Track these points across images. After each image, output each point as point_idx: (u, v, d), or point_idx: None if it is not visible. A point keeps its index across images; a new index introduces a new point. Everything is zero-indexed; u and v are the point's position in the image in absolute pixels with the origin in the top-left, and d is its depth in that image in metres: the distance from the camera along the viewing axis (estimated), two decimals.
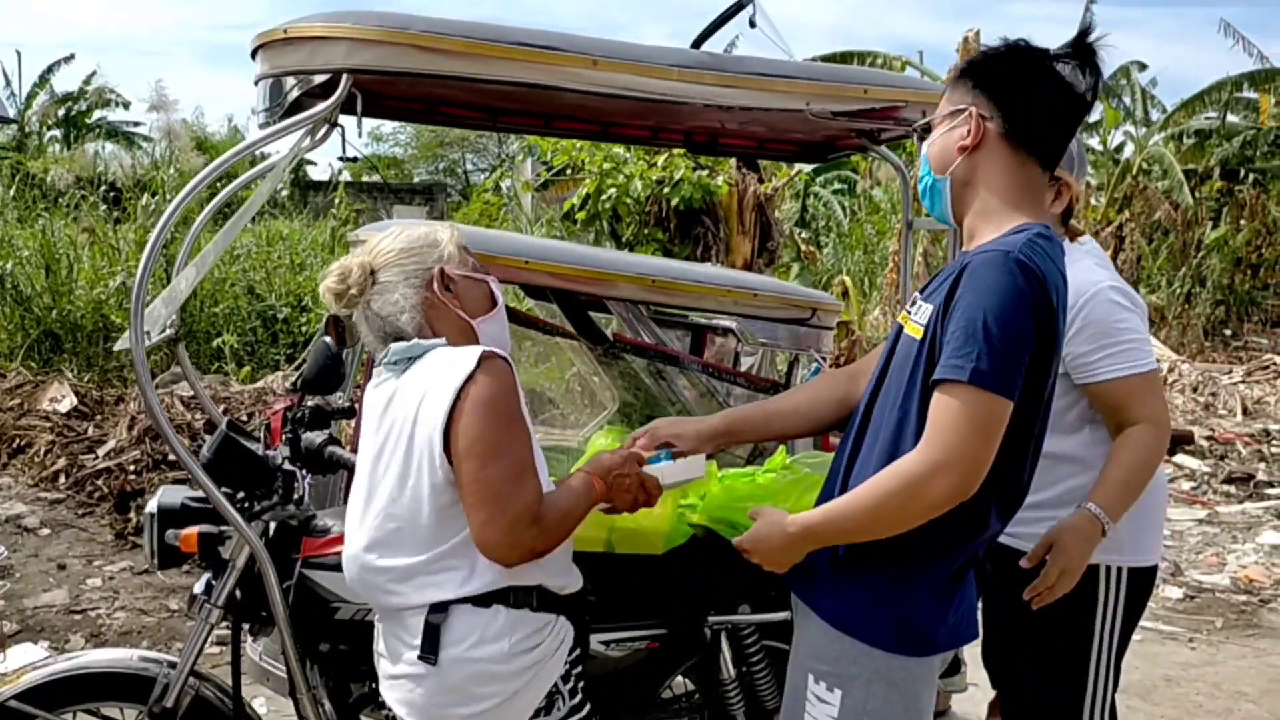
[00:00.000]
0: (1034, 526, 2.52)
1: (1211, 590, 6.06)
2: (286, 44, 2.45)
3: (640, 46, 2.59)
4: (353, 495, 2.20)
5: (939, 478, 1.81)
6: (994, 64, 1.99)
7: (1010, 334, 1.79)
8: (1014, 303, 1.80)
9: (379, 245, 2.22)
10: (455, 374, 2.02)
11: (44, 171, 14.68)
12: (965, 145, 1.97)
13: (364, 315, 2.21)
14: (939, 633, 1.99)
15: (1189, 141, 19.25)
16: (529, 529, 2.02)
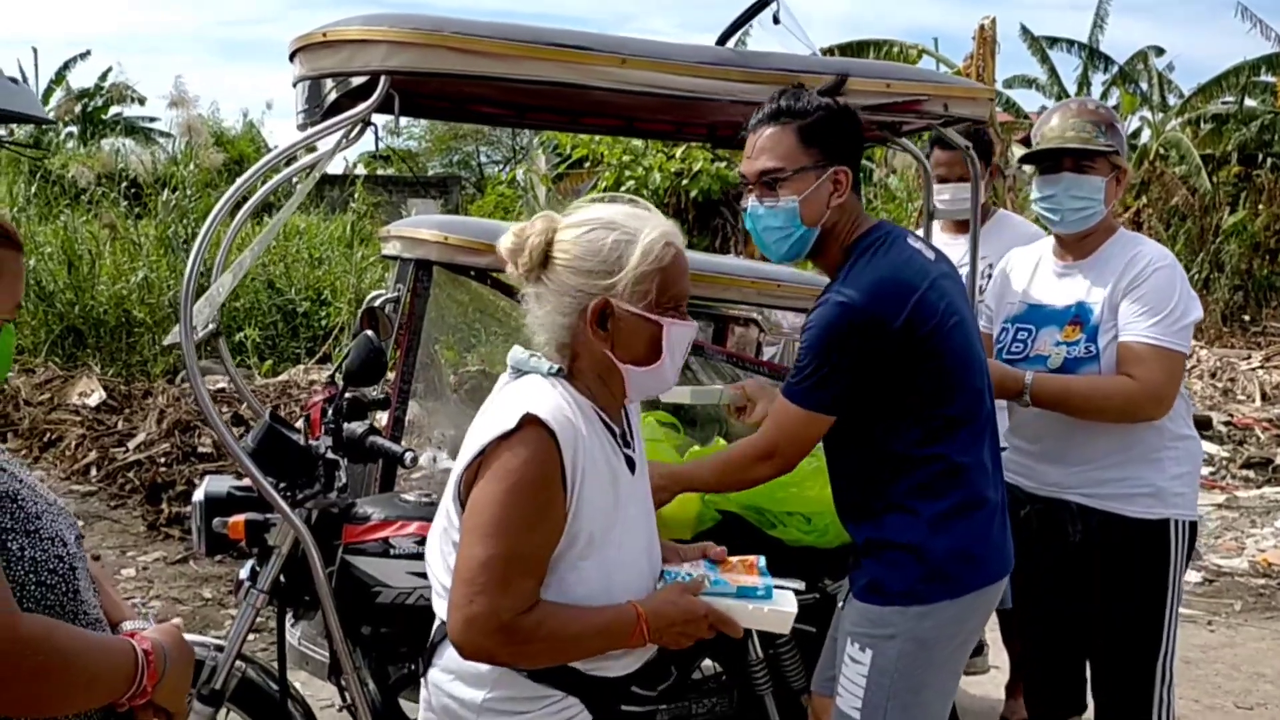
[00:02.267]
0: (1113, 487, 2.83)
1: (1230, 574, 6.11)
2: (325, 47, 2.52)
3: (667, 44, 2.65)
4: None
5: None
6: (834, 124, 2.31)
7: (822, 359, 2.25)
8: (823, 337, 2.25)
9: (564, 233, 1.85)
10: (498, 424, 1.75)
11: (62, 168, 14.79)
12: (839, 202, 2.32)
13: (529, 295, 1.89)
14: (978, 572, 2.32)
15: (1206, 126, 19.15)
16: (490, 636, 1.71)
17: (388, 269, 11.95)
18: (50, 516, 1.56)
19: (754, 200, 2.35)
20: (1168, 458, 2.84)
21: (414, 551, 2.70)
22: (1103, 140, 2.86)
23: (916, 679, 2.28)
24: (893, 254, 2.30)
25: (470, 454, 1.77)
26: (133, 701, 1.54)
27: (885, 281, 2.24)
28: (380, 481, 3.43)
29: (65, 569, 1.53)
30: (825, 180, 2.29)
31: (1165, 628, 2.86)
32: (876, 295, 2.22)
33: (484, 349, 9.44)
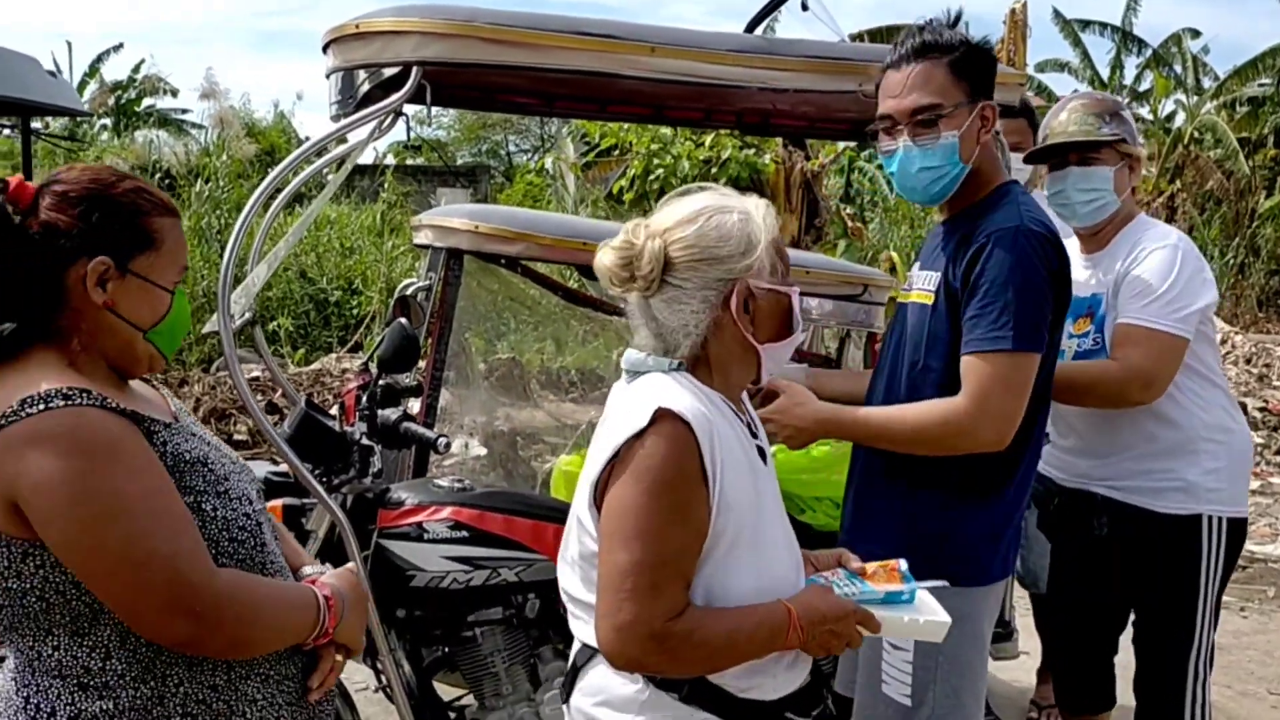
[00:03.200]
0: (1141, 480, 2.80)
1: (1264, 560, 6.07)
2: (357, 38, 2.56)
3: (696, 32, 2.67)
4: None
5: (977, 427, 2.12)
6: (978, 58, 2.23)
7: (1033, 298, 2.11)
8: (1031, 270, 2.11)
9: (675, 231, 1.73)
10: (629, 424, 1.66)
11: (96, 160, 14.98)
12: (988, 138, 2.24)
13: (639, 305, 1.75)
14: (994, 564, 2.27)
15: (1242, 109, 18.93)
16: (642, 644, 1.62)
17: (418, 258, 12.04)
18: (237, 476, 1.68)
19: (905, 140, 2.23)
20: (1203, 450, 2.78)
21: (447, 536, 2.74)
22: (1107, 130, 2.85)
23: (962, 659, 2.25)
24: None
25: (602, 458, 1.67)
26: (316, 641, 1.68)
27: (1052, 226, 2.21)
28: (413, 467, 3.48)
29: (253, 525, 1.66)
30: (976, 115, 2.22)
31: (1199, 624, 2.81)
32: (1054, 232, 2.19)
33: (514, 337, 9.49)
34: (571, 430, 5.66)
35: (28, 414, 1.45)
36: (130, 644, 1.53)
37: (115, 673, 1.52)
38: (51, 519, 1.45)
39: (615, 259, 1.72)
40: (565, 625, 1.91)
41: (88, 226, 1.56)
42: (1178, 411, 2.79)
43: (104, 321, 1.58)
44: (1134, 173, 2.89)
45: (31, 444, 1.44)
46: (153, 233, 1.61)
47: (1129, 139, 2.88)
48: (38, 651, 1.53)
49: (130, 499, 1.46)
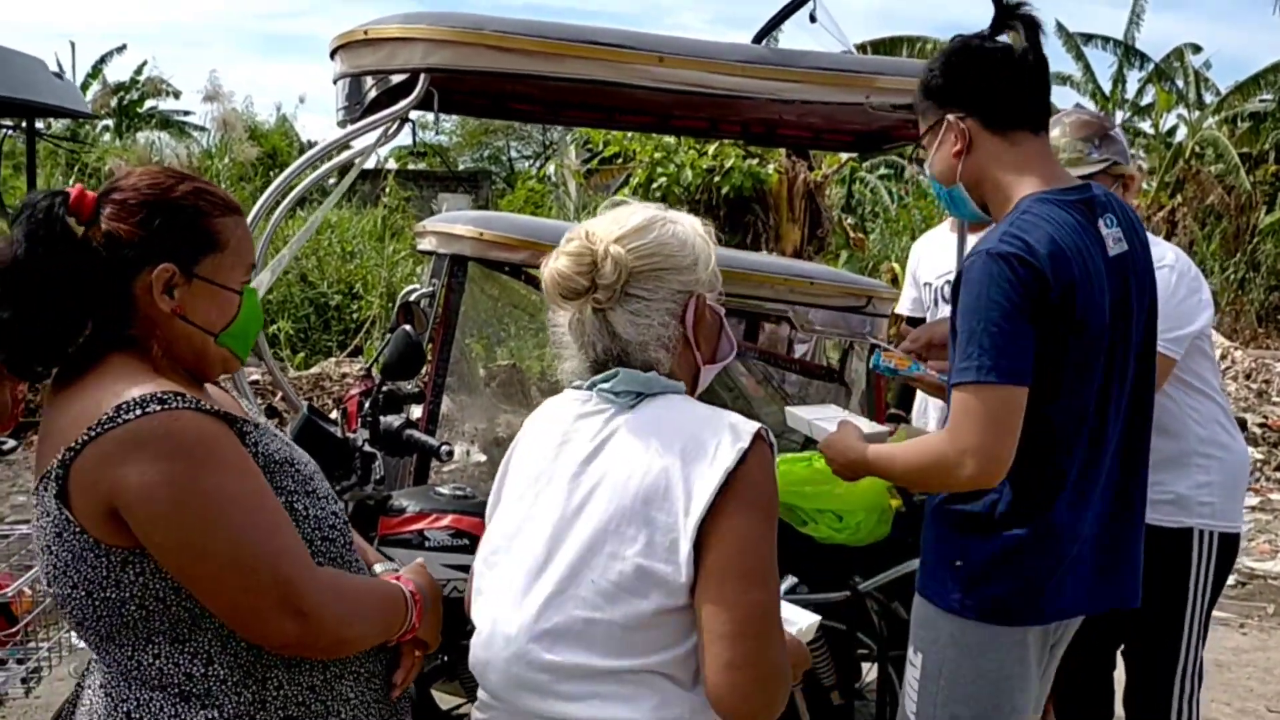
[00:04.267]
0: None
1: (1264, 577, 6.06)
2: (365, 45, 2.56)
3: (705, 43, 2.67)
4: (501, 542, 1.68)
5: (962, 464, 1.94)
6: (944, 73, 2.11)
7: (999, 325, 1.92)
8: (994, 297, 1.93)
9: (632, 239, 1.61)
10: (724, 451, 1.52)
11: (98, 161, 14.98)
12: (959, 150, 2.09)
13: (589, 320, 1.62)
14: (1014, 603, 2.05)
15: (1243, 125, 18.96)
16: (781, 690, 1.54)
17: (419, 263, 12.05)
18: (318, 476, 1.65)
19: None
20: (1195, 465, 2.80)
21: (449, 544, 2.72)
22: (1096, 155, 2.85)
23: (964, 690, 2.09)
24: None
25: (705, 497, 1.50)
26: (401, 638, 1.65)
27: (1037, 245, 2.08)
28: (414, 474, 3.47)
29: (340, 523, 1.64)
30: (944, 134, 2.10)
31: (1184, 639, 2.81)
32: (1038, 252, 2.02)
33: (513, 344, 9.49)
34: None
35: (124, 420, 1.42)
36: (231, 648, 1.49)
37: (217, 678, 1.49)
38: (156, 524, 1.42)
39: (573, 266, 1.59)
40: None
41: (150, 234, 1.52)
42: (1172, 425, 2.79)
43: (175, 328, 1.55)
44: (1128, 190, 2.89)
45: (131, 449, 1.41)
46: (216, 234, 1.57)
47: (1120, 159, 2.88)
48: (136, 661, 1.48)
49: (233, 500, 1.44)
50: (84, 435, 1.42)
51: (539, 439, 1.68)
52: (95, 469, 1.42)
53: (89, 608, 1.47)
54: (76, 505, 1.43)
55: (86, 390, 1.48)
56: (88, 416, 1.43)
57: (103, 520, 1.43)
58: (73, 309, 1.51)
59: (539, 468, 1.65)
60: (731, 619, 1.49)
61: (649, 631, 1.53)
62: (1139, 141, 19.68)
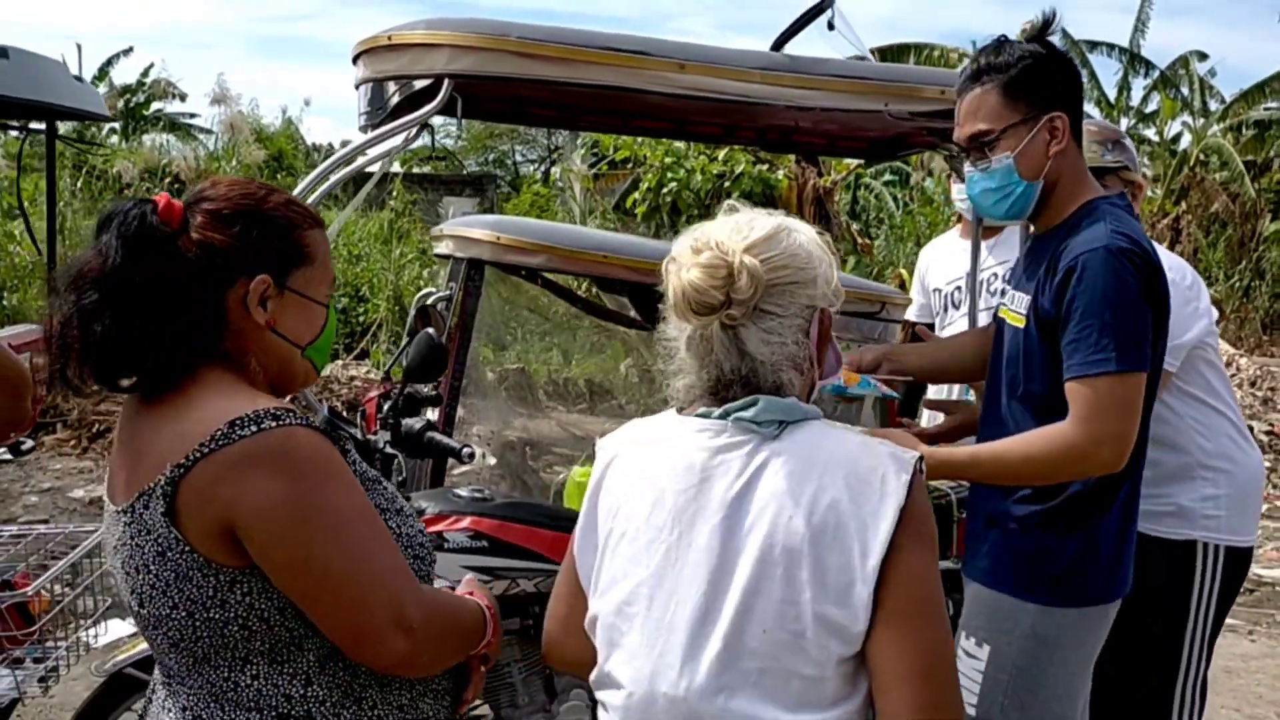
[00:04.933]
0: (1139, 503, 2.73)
1: (1272, 584, 6.07)
2: (389, 50, 2.59)
3: (724, 50, 2.70)
4: (638, 590, 1.51)
5: (1093, 452, 2.06)
6: (1050, 73, 2.20)
7: (1130, 317, 2.06)
8: (1125, 291, 2.06)
9: (761, 249, 1.49)
10: (891, 483, 1.43)
11: (105, 163, 15.02)
12: (1058, 150, 2.19)
13: (717, 337, 1.49)
14: (1104, 581, 2.21)
15: (1248, 133, 18.97)
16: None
17: (425, 266, 12.05)
18: (399, 496, 1.65)
19: (969, 166, 2.27)
20: (1201, 478, 2.79)
21: (467, 545, 2.75)
22: (1109, 157, 2.92)
23: (1036, 674, 2.18)
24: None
25: (880, 540, 1.40)
26: (476, 653, 1.65)
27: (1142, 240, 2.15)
28: (431, 476, 3.49)
29: (426, 540, 1.63)
30: (1040, 130, 2.19)
31: (1185, 653, 2.80)
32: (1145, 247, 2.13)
33: (520, 348, 9.51)
34: (583, 441, 5.67)
35: (239, 437, 1.39)
36: (330, 669, 1.48)
37: (316, 699, 1.47)
38: (276, 542, 1.40)
39: (707, 279, 1.45)
40: None
41: (244, 245, 1.50)
42: (1177, 438, 2.80)
43: (266, 341, 1.53)
44: (1136, 198, 2.93)
45: (249, 467, 1.39)
46: (306, 247, 1.56)
47: (1130, 166, 2.96)
48: (233, 683, 1.45)
49: (348, 518, 1.43)
50: (195, 452, 1.39)
51: (659, 473, 1.51)
52: (209, 486, 1.39)
53: (189, 628, 1.44)
54: (185, 523, 1.40)
55: (187, 405, 1.45)
56: (196, 433, 1.40)
57: (215, 539, 1.40)
58: (162, 318, 1.47)
59: (674, 506, 1.48)
60: (919, 660, 1.41)
61: (826, 683, 1.42)
62: (1144, 149, 19.69)
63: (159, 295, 1.46)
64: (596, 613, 1.56)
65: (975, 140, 2.22)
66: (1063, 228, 2.21)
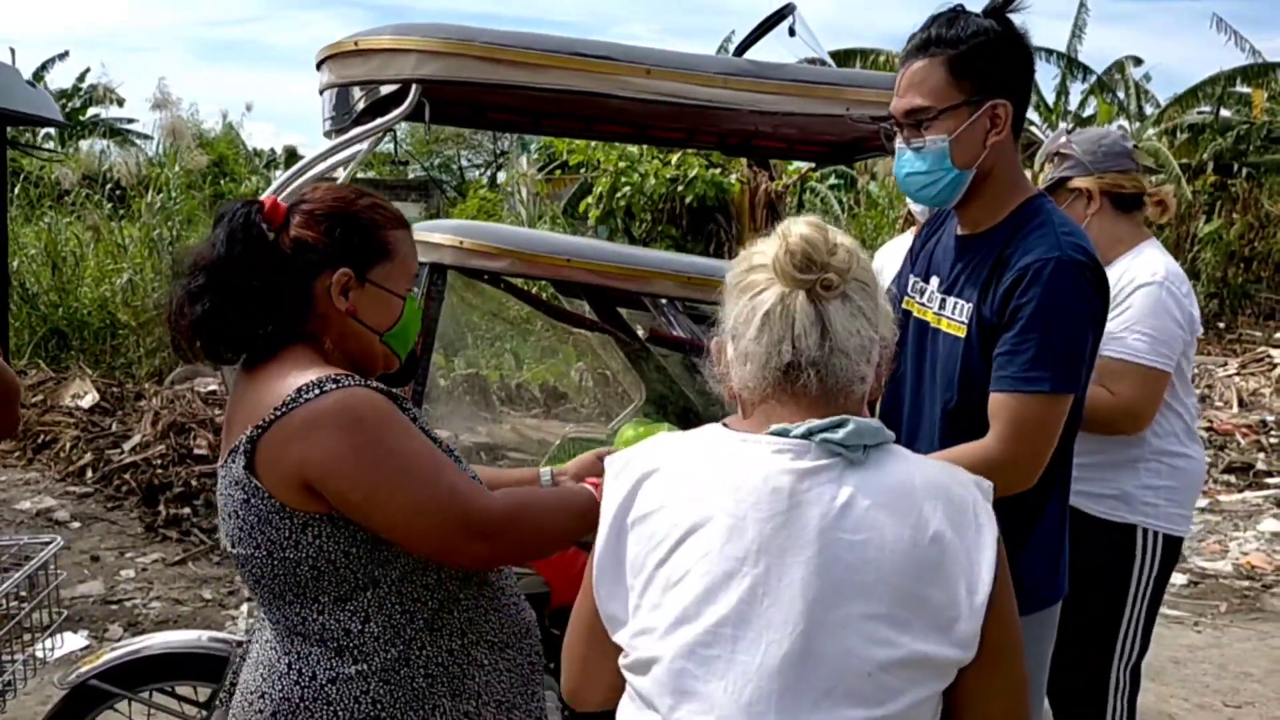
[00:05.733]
0: (1083, 485, 2.76)
1: (1215, 576, 6.23)
2: (355, 55, 2.58)
3: (690, 55, 2.73)
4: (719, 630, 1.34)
5: (1008, 471, 1.94)
6: (997, 57, 2.03)
7: (1073, 337, 1.98)
8: (1073, 308, 1.97)
9: (853, 245, 1.45)
10: (984, 515, 1.39)
11: (43, 169, 14.71)
12: (997, 140, 2.05)
13: (800, 307, 1.39)
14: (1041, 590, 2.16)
15: (1183, 136, 19.42)
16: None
17: None
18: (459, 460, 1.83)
19: (900, 142, 2.11)
20: (1144, 469, 2.88)
21: None
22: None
23: None
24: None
25: (989, 571, 1.35)
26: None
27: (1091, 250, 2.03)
28: None
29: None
30: (981, 116, 2.03)
31: (1121, 634, 2.89)
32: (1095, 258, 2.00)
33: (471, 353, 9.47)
34: (539, 445, 5.67)
35: (306, 399, 1.62)
36: (386, 609, 1.69)
37: (371, 635, 1.69)
38: (351, 487, 1.62)
39: (817, 234, 1.40)
40: (554, 638, 1.94)
41: (332, 241, 1.73)
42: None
43: (347, 326, 1.76)
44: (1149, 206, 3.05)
45: (316, 426, 1.62)
46: (388, 244, 1.78)
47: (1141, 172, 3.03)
48: (301, 617, 1.70)
49: (411, 454, 1.65)
50: (270, 415, 1.63)
51: (728, 497, 1.36)
52: (283, 444, 1.63)
53: (268, 566, 1.68)
54: (263, 474, 1.64)
55: (270, 376, 1.69)
56: (274, 399, 1.64)
57: (291, 488, 1.64)
58: (260, 303, 1.71)
59: (759, 535, 1.34)
60: (1007, 700, 1.39)
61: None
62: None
63: (255, 283, 1.70)
64: (655, 656, 1.37)
65: (912, 115, 2.06)
66: (1003, 228, 2.09)
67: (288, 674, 1.70)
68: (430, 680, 1.72)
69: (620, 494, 1.44)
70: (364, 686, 1.68)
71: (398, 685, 1.69)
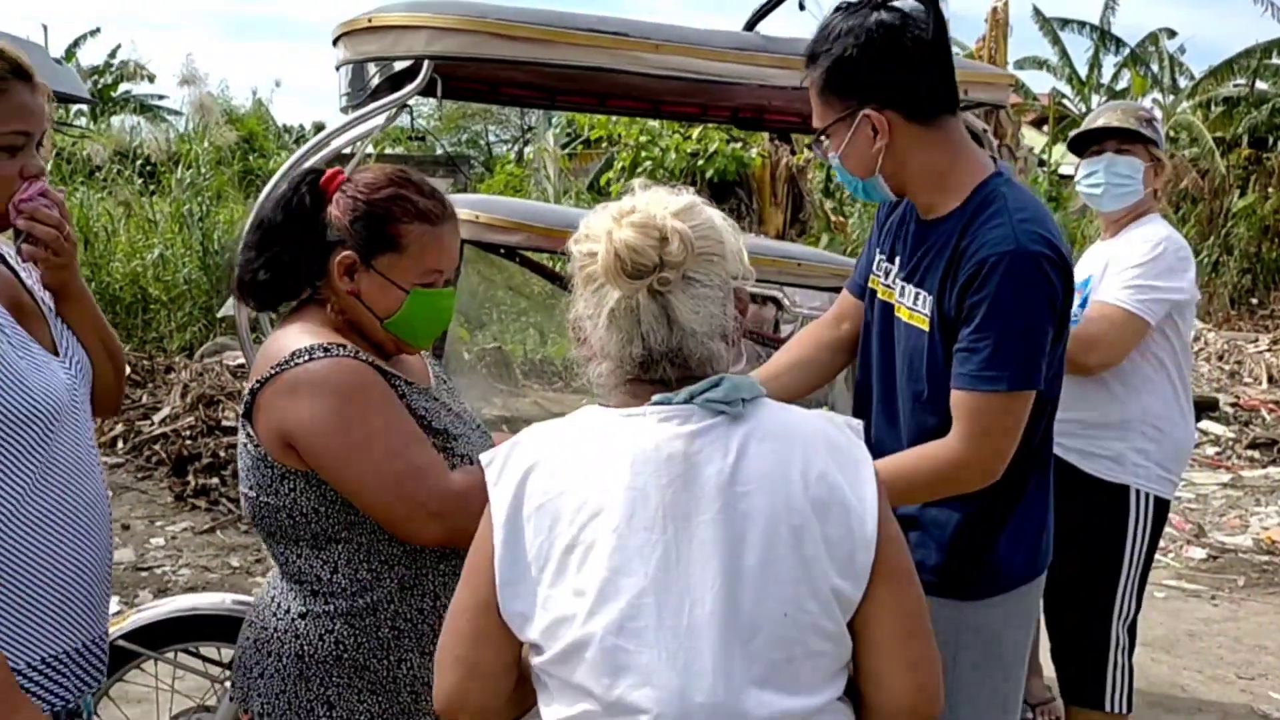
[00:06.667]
0: (1079, 443, 2.99)
1: (1234, 550, 6.23)
2: (370, 32, 2.63)
3: (699, 31, 2.75)
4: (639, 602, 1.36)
5: (972, 470, 1.95)
6: (858, 64, 1.93)
7: (1031, 333, 1.91)
8: (1031, 303, 1.90)
9: (689, 218, 1.44)
10: (858, 449, 1.46)
11: (74, 145, 14.88)
12: (881, 146, 1.97)
13: (644, 306, 1.42)
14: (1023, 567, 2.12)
15: (1217, 109, 19.17)
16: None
17: None
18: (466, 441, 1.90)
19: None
20: (1137, 433, 3.00)
21: None
22: (1145, 130, 3.11)
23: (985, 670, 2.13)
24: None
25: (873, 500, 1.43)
26: None
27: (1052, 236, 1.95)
28: None
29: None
30: (858, 128, 1.96)
31: (1120, 592, 3.00)
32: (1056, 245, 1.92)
33: (496, 327, 9.55)
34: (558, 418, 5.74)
35: (296, 363, 1.76)
36: (354, 564, 1.82)
37: (339, 585, 1.83)
38: (320, 449, 1.75)
39: (641, 239, 1.39)
40: None
41: (349, 224, 1.84)
42: (1124, 392, 3.01)
43: (350, 304, 1.87)
44: (1158, 176, 3.14)
45: (298, 389, 1.75)
46: (398, 237, 1.85)
47: (1159, 145, 3.15)
48: (286, 557, 1.87)
49: (379, 429, 1.75)
50: (269, 371, 1.78)
51: (625, 471, 1.39)
52: (271, 400, 1.77)
53: (259, 507, 1.85)
54: (258, 424, 1.79)
55: (285, 333, 1.84)
56: (276, 355, 1.79)
57: (274, 442, 1.78)
58: (288, 263, 1.87)
59: (661, 502, 1.37)
60: (909, 620, 1.43)
61: (835, 656, 1.42)
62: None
63: (286, 244, 1.86)
64: (583, 638, 1.37)
65: (814, 134, 2.04)
66: (958, 215, 1.99)
67: (269, 605, 1.89)
68: (397, 633, 1.84)
69: (508, 493, 1.43)
70: (329, 625, 1.82)
71: (363, 631, 1.82)
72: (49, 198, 1.79)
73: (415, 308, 1.87)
